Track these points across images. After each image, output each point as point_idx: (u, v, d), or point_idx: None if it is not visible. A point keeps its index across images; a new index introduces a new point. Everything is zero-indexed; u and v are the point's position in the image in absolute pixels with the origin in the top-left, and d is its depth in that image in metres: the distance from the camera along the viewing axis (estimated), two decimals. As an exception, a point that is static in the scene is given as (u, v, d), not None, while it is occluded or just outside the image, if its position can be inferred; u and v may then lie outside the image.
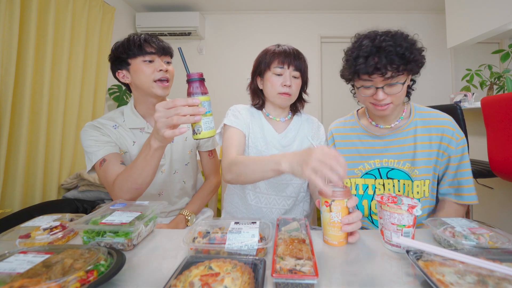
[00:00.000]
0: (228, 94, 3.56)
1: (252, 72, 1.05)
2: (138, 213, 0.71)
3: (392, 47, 0.76)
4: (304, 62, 0.98)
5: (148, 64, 0.97)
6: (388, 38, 0.78)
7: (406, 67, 0.77)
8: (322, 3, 3.42)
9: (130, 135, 1.02)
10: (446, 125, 0.88)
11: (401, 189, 0.91)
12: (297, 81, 0.98)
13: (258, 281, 0.48)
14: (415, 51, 0.79)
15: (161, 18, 3.39)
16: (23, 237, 0.66)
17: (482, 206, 2.14)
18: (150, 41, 0.98)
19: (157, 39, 1.00)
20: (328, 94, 3.68)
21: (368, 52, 0.78)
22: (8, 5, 1.76)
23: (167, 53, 1.01)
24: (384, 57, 0.75)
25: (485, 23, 2.25)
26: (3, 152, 1.75)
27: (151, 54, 0.97)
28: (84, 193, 2.21)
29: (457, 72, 3.51)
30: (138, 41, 0.96)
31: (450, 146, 0.88)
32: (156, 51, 0.98)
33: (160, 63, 0.98)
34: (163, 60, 1.00)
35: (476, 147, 1.97)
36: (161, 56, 1.00)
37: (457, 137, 0.88)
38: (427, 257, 0.53)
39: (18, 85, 1.86)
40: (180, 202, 1.14)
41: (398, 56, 0.76)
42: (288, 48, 0.98)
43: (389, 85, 0.79)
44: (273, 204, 1.02)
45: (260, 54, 1.02)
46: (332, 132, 1.06)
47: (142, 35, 0.99)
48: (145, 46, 0.96)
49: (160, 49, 0.99)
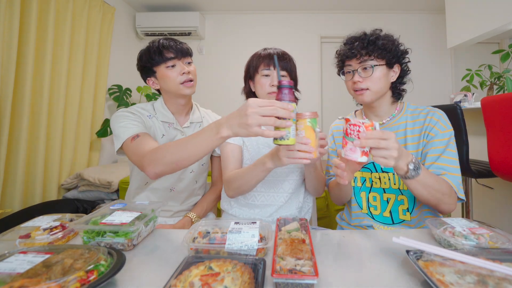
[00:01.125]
0: (228, 94, 3.56)
1: (244, 77, 1.10)
2: (138, 213, 0.71)
3: (367, 36, 0.91)
4: (290, 62, 1.02)
5: (171, 69, 1.02)
6: (367, 33, 0.93)
7: (378, 52, 0.88)
8: (322, 3, 3.42)
9: (160, 128, 1.08)
10: (432, 116, 0.92)
11: (397, 182, 0.95)
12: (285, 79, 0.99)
13: (258, 281, 0.48)
14: (387, 41, 0.90)
15: (161, 18, 3.39)
16: (23, 237, 0.66)
17: (482, 206, 2.14)
18: (168, 46, 1.01)
19: (175, 42, 1.03)
20: (328, 94, 3.67)
21: (349, 41, 0.94)
22: (8, 5, 1.76)
23: (186, 55, 1.05)
24: (359, 43, 0.90)
25: (485, 23, 2.25)
26: (3, 152, 1.76)
27: (172, 59, 1.01)
28: (84, 193, 2.21)
29: (457, 72, 3.51)
30: (157, 48, 1.00)
31: (433, 130, 0.90)
32: (176, 55, 1.01)
33: (181, 66, 1.03)
34: (184, 62, 1.04)
35: (476, 147, 1.97)
36: (182, 59, 1.03)
37: (442, 127, 0.90)
38: (427, 257, 0.53)
39: (18, 85, 1.87)
40: (187, 202, 1.15)
41: (370, 43, 0.89)
42: (273, 51, 1.02)
43: (363, 69, 0.90)
44: (271, 201, 1.03)
45: (249, 59, 1.07)
46: (333, 130, 1.11)
47: (160, 40, 1.02)
48: (164, 52, 1.00)
49: (179, 52, 1.02)
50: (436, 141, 0.89)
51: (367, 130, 0.66)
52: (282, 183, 1.03)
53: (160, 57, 1.00)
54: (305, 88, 1.41)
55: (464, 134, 1.45)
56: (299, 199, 1.05)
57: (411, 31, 3.54)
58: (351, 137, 0.68)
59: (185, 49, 1.04)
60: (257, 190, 1.03)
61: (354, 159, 0.67)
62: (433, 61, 3.55)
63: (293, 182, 1.04)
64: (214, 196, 1.22)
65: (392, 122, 0.97)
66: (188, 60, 1.06)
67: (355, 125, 0.67)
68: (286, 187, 1.03)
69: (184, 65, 1.03)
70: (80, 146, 2.47)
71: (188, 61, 1.06)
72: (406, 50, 0.94)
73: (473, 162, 1.77)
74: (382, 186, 0.97)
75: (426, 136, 0.91)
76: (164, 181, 1.08)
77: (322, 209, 2.05)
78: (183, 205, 1.14)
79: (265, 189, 1.04)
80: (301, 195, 1.07)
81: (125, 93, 2.98)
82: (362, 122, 0.66)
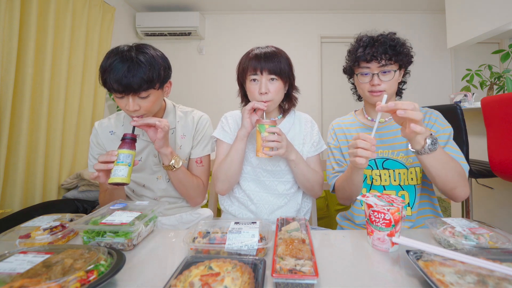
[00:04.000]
0: (227, 94, 3.56)
1: (237, 80, 1.05)
2: (138, 213, 0.71)
3: (386, 40, 0.93)
4: (280, 63, 0.95)
5: (120, 100, 0.88)
6: (383, 35, 0.96)
7: (397, 57, 0.93)
8: (322, 3, 3.42)
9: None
10: (431, 115, 0.98)
11: (397, 179, 0.96)
12: (276, 83, 0.96)
13: (258, 281, 0.48)
14: (404, 47, 0.95)
15: (161, 18, 3.39)
16: (23, 237, 0.66)
17: (482, 206, 2.14)
18: (116, 79, 0.82)
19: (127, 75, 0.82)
20: (328, 94, 3.67)
21: (366, 43, 0.95)
22: (8, 5, 1.76)
23: (137, 91, 0.84)
24: (379, 47, 0.92)
25: (485, 23, 2.25)
26: (3, 152, 1.75)
27: (119, 92, 0.85)
28: (84, 193, 2.21)
29: (457, 72, 3.51)
30: (107, 76, 0.84)
31: (433, 127, 0.96)
32: (123, 90, 0.84)
33: (126, 102, 0.86)
34: (135, 97, 0.86)
35: (476, 147, 1.97)
36: (131, 95, 0.85)
37: (441, 124, 0.95)
38: (427, 257, 0.53)
39: (18, 85, 1.86)
40: (175, 204, 1.13)
41: (390, 48, 0.92)
42: (260, 52, 0.96)
43: (383, 72, 0.93)
44: (266, 201, 1.02)
45: (239, 61, 1.02)
46: (334, 128, 1.12)
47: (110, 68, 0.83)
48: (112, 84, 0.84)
49: (126, 88, 0.83)
50: (437, 135, 0.92)
51: (394, 216, 0.62)
52: (276, 185, 1.03)
53: (106, 85, 0.85)
54: (305, 88, 1.41)
55: (464, 134, 1.44)
56: (297, 201, 1.05)
57: (411, 31, 3.54)
58: (377, 225, 0.64)
59: (137, 84, 0.82)
60: (251, 189, 1.03)
61: (385, 249, 0.64)
62: (433, 61, 3.55)
63: (288, 184, 1.04)
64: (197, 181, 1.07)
65: (393, 120, 0.97)
66: (142, 95, 0.86)
67: (379, 212, 0.64)
68: (281, 189, 1.03)
69: (134, 101, 0.86)
70: (80, 146, 2.47)
71: (143, 95, 0.86)
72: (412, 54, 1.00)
73: (473, 162, 1.76)
74: (383, 183, 0.97)
75: None
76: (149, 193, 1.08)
77: (322, 209, 2.05)
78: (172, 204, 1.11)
79: (260, 189, 1.04)
80: (299, 197, 1.07)
81: (125, 93, 2.98)
82: (387, 209, 0.63)
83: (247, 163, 1.05)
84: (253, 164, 1.04)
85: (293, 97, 1.08)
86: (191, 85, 3.68)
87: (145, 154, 1.04)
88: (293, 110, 1.11)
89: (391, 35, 0.96)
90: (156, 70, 0.87)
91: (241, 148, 0.94)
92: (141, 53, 0.86)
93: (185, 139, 1.07)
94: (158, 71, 0.87)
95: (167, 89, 0.99)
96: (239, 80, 1.04)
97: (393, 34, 0.97)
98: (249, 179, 1.04)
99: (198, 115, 1.12)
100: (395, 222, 0.62)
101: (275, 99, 0.97)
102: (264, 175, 1.03)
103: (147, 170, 1.05)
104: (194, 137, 1.08)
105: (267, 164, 1.03)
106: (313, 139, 1.06)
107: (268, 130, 0.88)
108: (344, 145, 1.07)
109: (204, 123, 1.11)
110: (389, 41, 0.93)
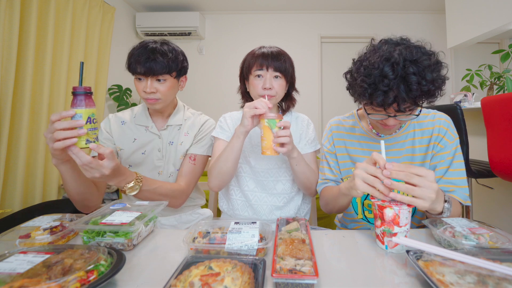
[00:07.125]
0: (228, 94, 3.56)
1: (239, 76, 1.09)
2: (138, 213, 0.71)
3: (417, 80, 0.66)
4: (285, 62, 0.98)
5: (139, 82, 1.00)
6: (413, 66, 0.67)
7: (427, 99, 0.71)
8: (322, 3, 3.42)
9: (134, 131, 1.07)
10: (441, 125, 0.88)
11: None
12: (280, 80, 0.99)
13: (258, 281, 0.48)
14: (439, 82, 0.70)
15: (161, 18, 3.39)
16: (23, 237, 0.66)
17: (482, 206, 2.14)
18: (140, 61, 0.95)
19: (149, 57, 0.95)
20: (328, 94, 3.67)
21: (388, 86, 0.68)
22: (8, 5, 1.76)
23: (156, 73, 0.96)
24: (406, 91, 0.67)
25: (485, 23, 2.25)
26: (3, 152, 1.75)
27: (139, 74, 0.97)
28: (84, 193, 2.21)
29: (457, 72, 3.51)
30: (132, 57, 0.97)
31: (442, 141, 0.87)
32: (143, 73, 0.96)
33: (145, 85, 0.97)
34: (153, 80, 0.97)
35: (476, 147, 1.97)
36: (150, 77, 0.97)
37: (451, 137, 0.87)
38: (427, 257, 0.53)
39: (18, 85, 1.86)
40: None
41: (422, 92, 0.68)
42: (267, 50, 0.99)
43: (402, 112, 0.73)
44: (264, 201, 1.03)
45: (244, 58, 1.06)
46: (332, 129, 1.03)
47: (140, 48, 0.97)
48: (135, 65, 0.96)
49: (148, 71, 0.95)
50: (444, 153, 0.86)
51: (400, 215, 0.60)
52: (275, 184, 1.04)
53: (130, 68, 0.97)
54: (305, 88, 1.40)
55: (464, 134, 1.45)
56: (297, 203, 1.06)
57: (411, 31, 3.54)
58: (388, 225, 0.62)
59: (157, 68, 0.95)
60: (250, 189, 1.04)
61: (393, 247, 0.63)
62: (433, 61, 3.55)
63: (286, 183, 1.04)
64: (169, 189, 1.00)
65: (400, 132, 0.90)
66: (160, 78, 0.97)
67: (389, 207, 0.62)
68: (279, 188, 1.03)
69: (152, 83, 0.97)
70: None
71: (160, 78, 0.97)
72: None
73: (473, 162, 1.77)
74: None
75: (434, 147, 0.87)
76: None
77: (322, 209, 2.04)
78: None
79: (259, 189, 1.04)
80: (298, 197, 1.07)
81: (125, 93, 2.98)
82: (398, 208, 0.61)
83: (245, 162, 1.05)
84: (251, 163, 1.04)
85: (293, 98, 1.11)
86: (191, 85, 3.67)
87: (150, 147, 1.07)
88: (291, 110, 1.13)
89: (423, 65, 0.67)
90: (175, 59, 0.99)
91: (237, 146, 0.91)
92: (164, 45, 1.00)
93: (188, 137, 1.10)
94: (177, 61, 1.00)
95: (182, 83, 1.08)
96: (241, 76, 1.07)
97: (427, 59, 0.68)
98: (247, 178, 1.05)
99: (205, 118, 1.17)
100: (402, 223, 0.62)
101: (278, 95, 1.00)
102: (262, 174, 1.04)
103: (149, 164, 1.07)
104: (196, 135, 1.11)
105: (265, 163, 1.03)
106: (308, 137, 1.07)
107: (278, 124, 0.83)
108: (342, 153, 0.98)
109: (209, 125, 1.14)
110: (422, 80, 0.66)
